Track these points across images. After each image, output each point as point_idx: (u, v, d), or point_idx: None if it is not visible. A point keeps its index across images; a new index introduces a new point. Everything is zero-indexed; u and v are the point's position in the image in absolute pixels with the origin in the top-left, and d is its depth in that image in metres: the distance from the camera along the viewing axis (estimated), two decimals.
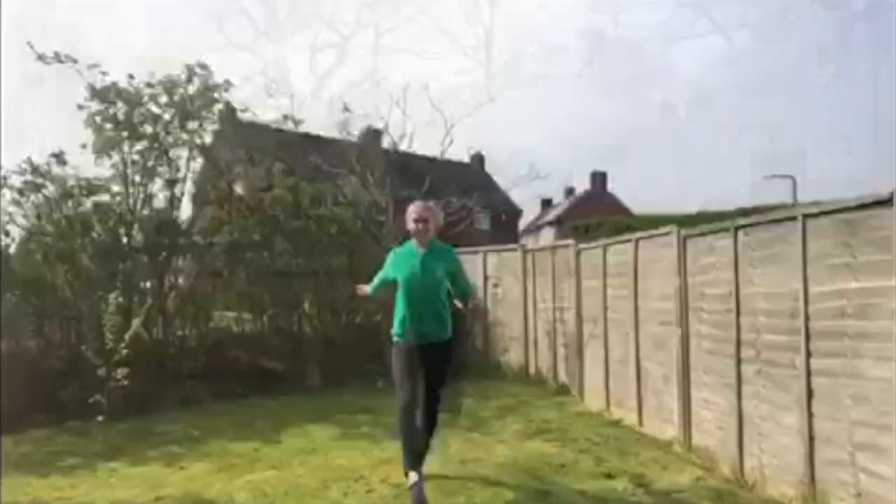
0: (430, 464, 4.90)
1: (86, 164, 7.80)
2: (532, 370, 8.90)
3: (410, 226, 4.14)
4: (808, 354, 3.77)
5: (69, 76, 7.41)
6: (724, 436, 4.63)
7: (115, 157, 7.60)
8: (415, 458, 3.94)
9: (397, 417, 4.08)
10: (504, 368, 9.25)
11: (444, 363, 4.18)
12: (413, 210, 4.16)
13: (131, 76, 7.70)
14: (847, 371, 3.50)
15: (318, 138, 11.59)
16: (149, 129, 7.67)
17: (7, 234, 7.16)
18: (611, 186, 47.76)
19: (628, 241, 6.18)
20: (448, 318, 4.17)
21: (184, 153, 8.11)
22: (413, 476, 3.90)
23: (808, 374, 3.76)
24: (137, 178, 7.74)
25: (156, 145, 7.71)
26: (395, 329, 4.14)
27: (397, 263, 4.17)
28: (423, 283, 4.01)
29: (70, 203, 7.40)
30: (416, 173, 12.68)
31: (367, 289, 4.59)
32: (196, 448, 5.62)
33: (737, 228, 4.48)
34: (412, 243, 4.14)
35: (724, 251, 4.64)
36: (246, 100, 9.97)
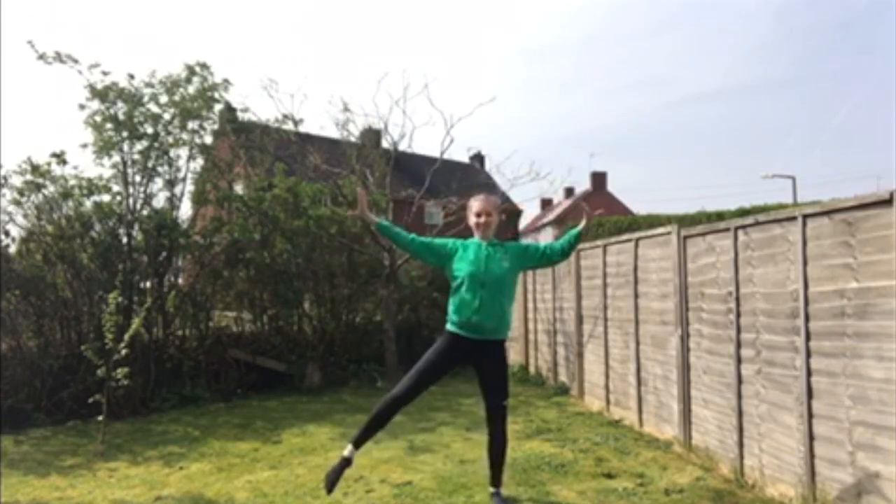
0: (429, 463, 4.92)
1: (86, 164, 7.82)
2: (532, 370, 8.91)
3: (472, 220, 3.91)
4: (808, 354, 3.77)
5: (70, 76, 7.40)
6: (724, 436, 4.63)
7: (115, 157, 7.61)
8: (365, 440, 3.82)
9: (379, 403, 3.82)
10: None
11: (501, 363, 3.89)
12: (475, 203, 3.93)
13: (131, 76, 7.71)
14: (847, 371, 3.50)
15: (318, 138, 11.59)
16: (149, 128, 7.67)
17: (7, 234, 7.17)
18: (611, 186, 47.88)
19: (628, 240, 6.18)
20: (510, 317, 3.92)
21: (184, 153, 8.12)
22: (350, 449, 3.78)
23: (808, 374, 3.76)
24: (137, 178, 7.74)
25: (156, 145, 7.71)
26: (450, 317, 3.83)
27: (458, 248, 3.88)
28: (487, 273, 3.74)
29: (70, 203, 7.40)
30: (415, 173, 12.68)
31: (373, 218, 4.07)
32: (196, 448, 5.63)
33: (737, 228, 4.48)
34: (475, 238, 3.94)
35: (723, 251, 4.64)
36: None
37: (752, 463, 4.31)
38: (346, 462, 3.79)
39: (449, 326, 3.85)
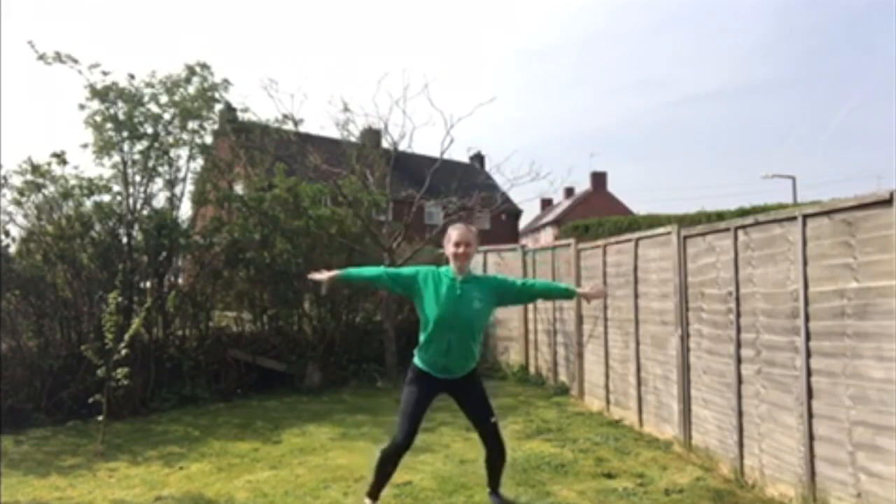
0: (429, 463, 4.92)
1: (86, 164, 7.80)
2: (532, 370, 8.90)
3: (450, 249, 3.74)
4: (808, 354, 3.77)
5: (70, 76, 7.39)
6: (724, 436, 4.64)
7: (116, 157, 7.60)
8: (379, 491, 3.86)
9: (381, 455, 3.76)
10: (504, 368, 9.26)
11: (476, 388, 3.86)
12: (454, 233, 3.77)
13: (131, 76, 7.71)
14: (847, 371, 3.50)
15: (318, 138, 11.60)
16: (149, 128, 7.67)
17: (7, 234, 7.16)
18: (611, 186, 47.90)
19: (628, 240, 6.18)
20: (478, 352, 3.84)
21: (184, 153, 8.12)
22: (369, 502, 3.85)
23: (808, 374, 3.76)
24: (137, 179, 7.74)
25: (156, 145, 7.71)
26: (419, 353, 3.77)
27: (429, 282, 3.72)
28: (457, 316, 3.62)
29: (70, 203, 7.40)
30: (415, 173, 12.68)
31: (331, 273, 3.87)
32: (196, 448, 5.62)
33: (737, 228, 4.48)
34: (449, 269, 3.78)
35: (723, 251, 4.64)
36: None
37: (752, 463, 4.31)
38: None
39: (416, 361, 3.79)
